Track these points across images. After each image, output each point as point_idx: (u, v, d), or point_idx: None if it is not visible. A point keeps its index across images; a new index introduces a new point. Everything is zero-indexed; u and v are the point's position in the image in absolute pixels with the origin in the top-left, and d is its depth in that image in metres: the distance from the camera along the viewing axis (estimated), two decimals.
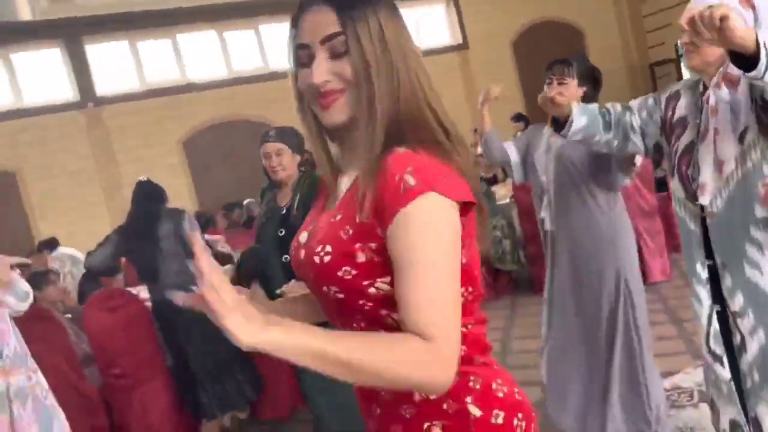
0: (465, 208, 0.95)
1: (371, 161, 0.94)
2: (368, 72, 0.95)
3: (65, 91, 9.31)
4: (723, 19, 1.34)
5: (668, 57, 12.45)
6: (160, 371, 3.54)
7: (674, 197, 1.86)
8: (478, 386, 1.00)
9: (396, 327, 0.94)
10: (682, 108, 1.85)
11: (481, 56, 11.20)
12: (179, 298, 0.88)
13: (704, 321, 1.79)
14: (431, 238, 0.89)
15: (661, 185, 5.18)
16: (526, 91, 11.28)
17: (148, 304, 3.60)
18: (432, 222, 0.89)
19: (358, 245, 0.94)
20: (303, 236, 1.08)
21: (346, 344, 0.86)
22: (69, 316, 3.96)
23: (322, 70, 0.97)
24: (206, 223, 6.63)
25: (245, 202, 7.25)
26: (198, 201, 9.67)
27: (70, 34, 9.12)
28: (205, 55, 10.10)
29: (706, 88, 1.76)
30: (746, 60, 1.42)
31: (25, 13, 8.90)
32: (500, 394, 1.02)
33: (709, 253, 1.75)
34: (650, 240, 4.76)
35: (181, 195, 9.62)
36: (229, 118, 9.84)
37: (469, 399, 0.99)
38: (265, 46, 10.45)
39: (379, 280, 0.94)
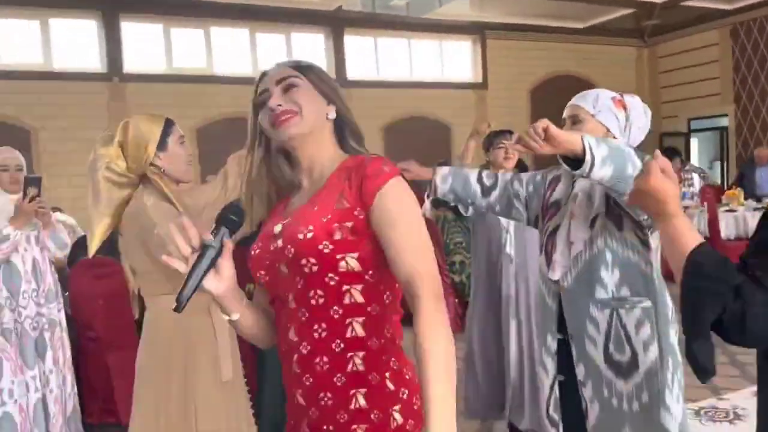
0: None
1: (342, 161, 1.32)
2: (326, 91, 1.36)
3: (94, 61, 9.63)
4: (545, 130, 1.59)
5: (680, 130, 12.72)
6: (132, 342, 3.76)
7: (539, 273, 2.05)
8: (395, 366, 1.26)
9: (353, 305, 1.22)
10: (558, 192, 2.04)
11: (498, 98, 11.48)
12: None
13: (547, 390, 1.97)
14: (410, 205, 1.21)
15: None
16: None
17: None
18: (406, 194, 1.23)
19: (335, 225, 1.20)
20: (277, 228, 1.30)
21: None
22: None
23: (274, 100, 1.31)
24: None
25: None
26: None
27: (109, 9, 9.46)
28: (235, 51, 10.43)
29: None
30: (578, 160, 1.64)
31: None
32: (407, 376, 1.28)
33: (561, 327, 1.94)
34: None
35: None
36: (245, 115, 10.08)
37: (387, 374, 1.24)
38: (294, 53, 10.77)
39: (349, 255, 1.20)
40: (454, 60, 11.85)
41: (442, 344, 1.11)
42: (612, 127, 1.95)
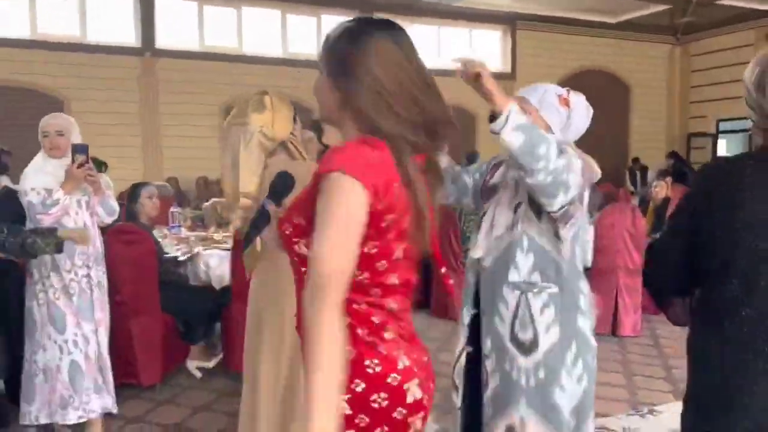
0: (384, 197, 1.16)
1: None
2: (334, 80, 1.30)
3: (128, 36, 9.81)
4: (477, 75, 1.72)
5: (707, 131, 12.59)
6: (155, 308, 3.91)
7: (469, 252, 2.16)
8: (350, 356, 1.16)
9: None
10: (496, 177, 2.12)
11: None
12: None
13: (455, 356, 2.09)
14: (337, 205, 1.12)
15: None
16: None
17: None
18: (336, 192, 1.12)
19: (298, 209, 1.24)
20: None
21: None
22: None
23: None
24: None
25: None
26: None
27: None
28: (266, 31, 10.54)
29: None
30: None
31: None
32: (370, 371, 1.18)
33: (477, 302, 2.05)
34: (627, 296, 5.02)
35: (214, 158, 10.06)
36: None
37: None
38: (323, 36, 10.83)
39: (302, 240, 1.23)
40: (483, 49, 11.84)
41: (318, 330, 1.08)
42: (553, 124, 2.01)
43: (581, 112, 2.04)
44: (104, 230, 3.60)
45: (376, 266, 1.20)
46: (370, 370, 1.18)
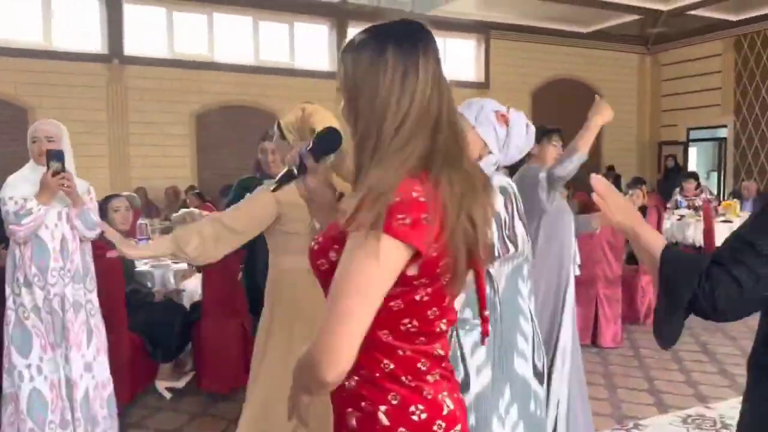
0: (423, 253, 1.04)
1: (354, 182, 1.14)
2: (348, 103, 1.15)
3: (95, 43, 9.55)
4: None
5: (678, 139, 12.74)
6: (121, 326, 3.73)
7: None
8: (395, 402, 1.11)
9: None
10: None
11: (499, 99, 11.13)
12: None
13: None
14: (363, 265, 1.01)
15: (631, 258, 5.41)
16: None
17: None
18: (369, 255, 1.00)
19: (332, 244, 1.10)
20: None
21: None
22: None
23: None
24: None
25: None
26: (199, 175, 9.89)
27: None
28: (237, 38, 10.37)
29: None
30: None
31: None
32: (415, 417, 1.11)
33: None
34: (608, 307, 4.97)
35: (184, 166, 9.85)
36: (246, 103, 10.09)
37: (382, 408, 1.11)
38: (296, 43, 10.73)
39: None
40: (457, 58, 11.84)
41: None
42: (490, 142, 1.92)
43: (521, 130, 1.95)
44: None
45: (427, 314, 1.12)
46: (415, 417, 1.12)
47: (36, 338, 2.80)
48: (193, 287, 4.28)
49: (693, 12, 10.74)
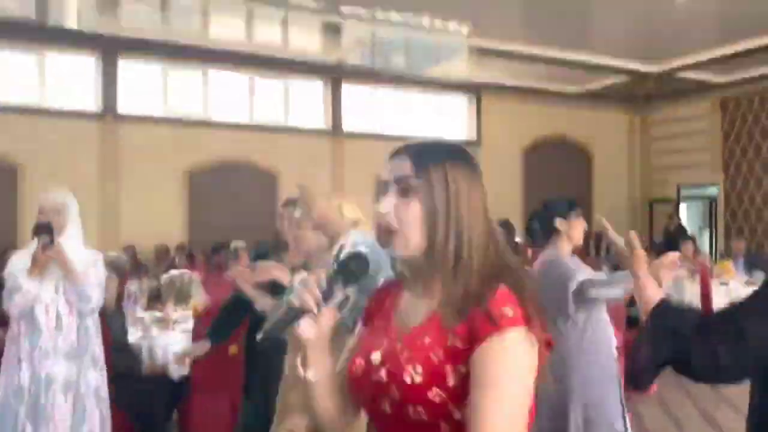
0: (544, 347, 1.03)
1: (458, 297, 1.05)
2: (434, 213, 1.08)
3: (89, 100, 9.56)
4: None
5: (670, 196, 12.81)
6: None
7: None
8: None
9: None
10: None
11: (491, 156, 11.38)
12: None
13: None
14: (518, 369, 0.98)
15: (632, 322, 5.30)
16: (528, 200, 11.57)
17: None
18: (520, 354, 0.98)
19: (448, 367, 1.00)
20: (375, 356, 1.12)
21: None
22: None
23: (387, 205, 1.11)
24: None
25: (232, 244, 7.30)
26: (190, 233, 9.77)
27: (108, 48, 9.43)
28: (232, 97, 10.43)
29: None
30: None
31: (71, 21, 9.24)
32: None
33: None
34: None
35: (175, 224, 9.74)
36: (238, 161, 10.07)
37: None
38: (291, 101, 10.80)
39: (466, 404, 1.00)
40: (448, 116, 11.95)
41: None
42: None
43: None
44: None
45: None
46: None
47: (7, 422, 2.65)
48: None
49: (681, 74, 10.96)
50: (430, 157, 1.11)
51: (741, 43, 9.57)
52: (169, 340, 4.11)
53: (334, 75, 10.60)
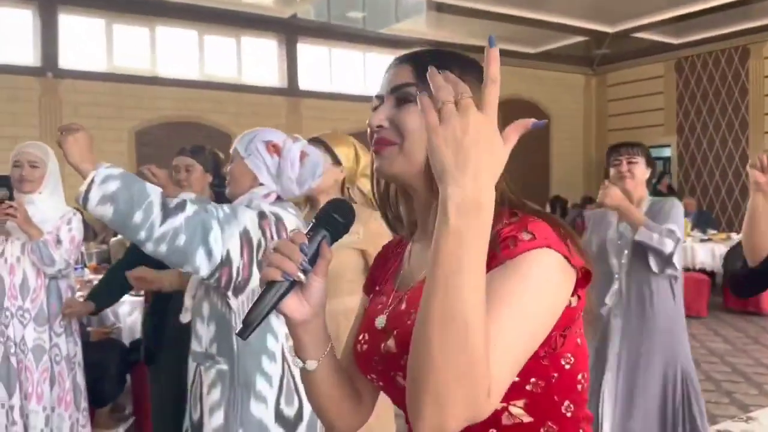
0: (584, 279, 0.83)
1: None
2: None
3: (27, 55, 9.00)
4: None
5: None
6: None
7: None
8: None
9: (515, 426, 0.83)
10: None
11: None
12: None
13: None
14: (530, 286, 0.78)
15: None
16: None
17: None
18: (537, 274, 0.78)
19: None
20: (380, 321, 0.94)
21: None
22: None
23: (381, 116, 0.93)
24: None
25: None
26: None
27: (46, 0, 8.87)
28: (181, 53, 9.97)
29: None
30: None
31: None
32: None
33: None
34: None
35: None
36: (188, 119, 9.69)
37: None
38: (243, 58, 10.40)
39: (513, 403, 0.82)
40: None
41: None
42: (260, 173, 1.86)
43: (292, 161, 1.87)
44: None
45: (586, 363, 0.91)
46: None
47: None
48: (132, 322, 3.92)
49: (637, 35, 10.98)
50: (435, 64, 0.87)
51: (696, 4, 9.62)
52: (121, 302, 3.90)
53: (288, 31, 10.24)
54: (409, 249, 1.01)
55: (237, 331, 0.85)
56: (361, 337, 0.97)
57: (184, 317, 1.86)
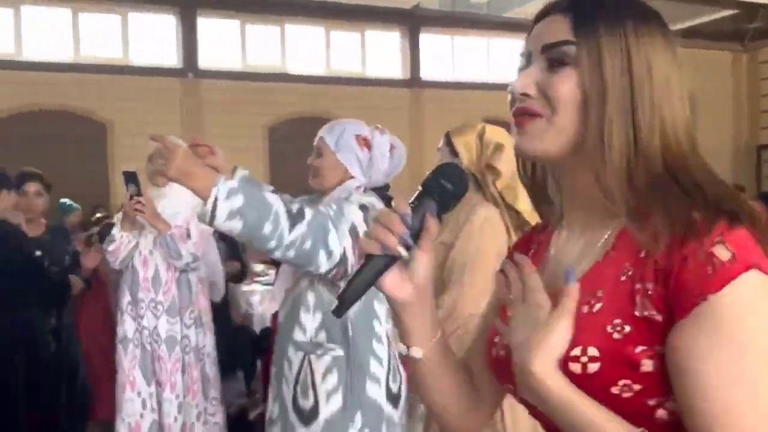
0: None
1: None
2: (604, 93, 0.69)
3: (170, 57, 9.64)
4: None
5: None
6: None
7: None
8: None
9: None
10: None
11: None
12: None
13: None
14: (753, 340, 0.61)
15: None
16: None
17: None
18: (754, 314, 0.62)
19: (640, 349, 0.65)
20: None
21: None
22: None
23: (527, 80, 0.74)
24: None
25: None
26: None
27: (187, 5, 9.45)
28: (308, 49, 10.26)
29: None
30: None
31: None
32: None
33: None
34: None
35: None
36: (318, 114, 9.94)
37: None
38: (368, 51, 10.50)
39: (672, 397, 0.65)
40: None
41: None
42: (352, 167, 1.89)
43: (382, 153, 1.92)
44: None
45: None
46: None
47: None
48: (263, 310, 4.04)
49: None
50: (601, 15, 0.71)
51: None
52: (251, 294, 4.05)
53: (411, 22, 10.21)
54: (555, 237, 0.83)
55: (332, 309, 0.78)
56: (497, 339, 0.81)
57: (280, 308, 1.89)
